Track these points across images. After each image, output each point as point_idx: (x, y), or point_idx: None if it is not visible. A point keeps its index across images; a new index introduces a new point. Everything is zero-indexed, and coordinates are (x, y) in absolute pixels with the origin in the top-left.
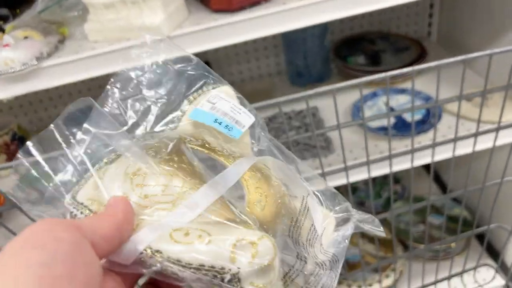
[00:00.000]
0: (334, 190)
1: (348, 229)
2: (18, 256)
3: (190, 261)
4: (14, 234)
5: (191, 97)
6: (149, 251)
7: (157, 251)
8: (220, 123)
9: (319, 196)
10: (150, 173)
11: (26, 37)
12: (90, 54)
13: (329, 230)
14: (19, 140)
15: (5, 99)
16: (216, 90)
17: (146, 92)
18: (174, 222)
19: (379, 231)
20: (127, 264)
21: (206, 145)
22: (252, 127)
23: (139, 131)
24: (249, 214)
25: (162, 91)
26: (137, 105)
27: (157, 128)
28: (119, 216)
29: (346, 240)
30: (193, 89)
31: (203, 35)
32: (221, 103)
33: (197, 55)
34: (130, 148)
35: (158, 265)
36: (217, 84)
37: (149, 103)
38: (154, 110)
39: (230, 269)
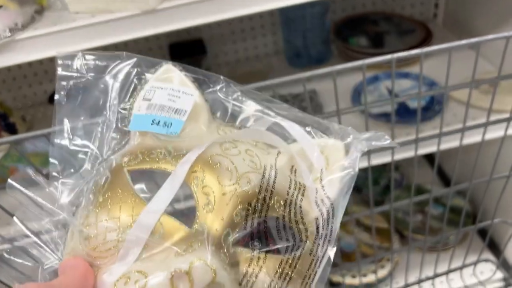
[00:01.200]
0: (325, 122)
1: (355, 152)
2: None
3: None
4: None
5: (128, 105)
6: None
7: None
8: (158, 123)
9: (310, 131)
10: (92, 223)
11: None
12: (70, 27)
13: (334, 159)
14: (1, 117)
15: None
16: (153, 78)
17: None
18: (119, 269)
19: (393, 145)
20: None
21: (147, 158)
22: (212, 93)
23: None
24: (200, 221)
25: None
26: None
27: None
28: (81, 268)
29: (355, 168)
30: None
31: (194, 9)
32: (157, 95)
33: (189, 32)
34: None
35: None
36: (155, 68)
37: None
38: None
39: None
